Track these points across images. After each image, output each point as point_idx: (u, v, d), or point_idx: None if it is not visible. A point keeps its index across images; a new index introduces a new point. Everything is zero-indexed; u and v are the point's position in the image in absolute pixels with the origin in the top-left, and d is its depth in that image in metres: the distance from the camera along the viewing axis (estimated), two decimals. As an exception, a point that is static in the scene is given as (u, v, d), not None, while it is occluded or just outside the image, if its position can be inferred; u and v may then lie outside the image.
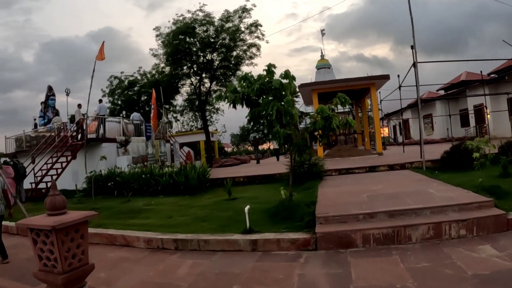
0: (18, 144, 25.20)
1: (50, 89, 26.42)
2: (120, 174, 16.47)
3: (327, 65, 38.08)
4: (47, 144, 20.46)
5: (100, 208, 12.44)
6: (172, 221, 9.59)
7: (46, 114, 25.72)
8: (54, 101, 26.21)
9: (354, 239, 6.86)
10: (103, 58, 17.61)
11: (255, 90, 8.38)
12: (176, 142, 24.57)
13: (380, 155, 22.44)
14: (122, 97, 39.87)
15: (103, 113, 22.25)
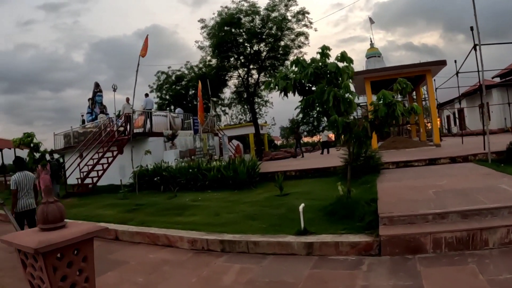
0: (67, 140, 25.53)
1: (97, 86, 26.55)
2: (166, 168, 16.01)
3: (377, 53, 36.54)
4: (93, 139, 20.36)
5: (144, 204, 12.00)
6: (219, 219, 8.90)
7: (94, 110, 25.90)
8: (101, 97, 26.37)
9: (423, 244, 5.93)
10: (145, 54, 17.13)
11: (309, 74, 7.53)
12: (224, 136, 24.00)
13: (438, 146, 21.09)
14: (170, 92, 39.71)
15: (150, 107, 21.96)
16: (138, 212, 11.14)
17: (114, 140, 19.18)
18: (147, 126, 20.68)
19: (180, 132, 21.56)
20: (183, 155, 18.74)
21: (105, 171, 18.21)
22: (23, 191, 8.56)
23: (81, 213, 12.45)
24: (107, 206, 13.05)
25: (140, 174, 16.34)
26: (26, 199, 8.57)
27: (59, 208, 3.54)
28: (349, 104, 7.52)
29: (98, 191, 17.62)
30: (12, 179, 8.77)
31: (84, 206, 13.96)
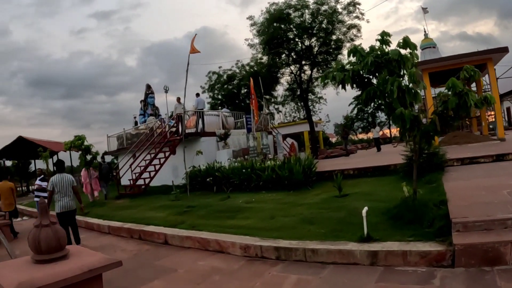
0: (120, 142, 25.87)
1: (148, 88, 26.68)
2: (219, 169, 15.60)
3: (432, 44, 34.75)
4: (145, 140, 20.30)
5: (196, 206, 11.61)
6: (274, 222, 8.31)
7: (146, 112, 26.04)
8: (153, 98, 26.45)
9: (503, 254, 5.09)
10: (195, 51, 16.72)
11: (369, 64, 6.77)
12: (278, 134, 23.37)
13: (503, 141, 19.62)
14: (222, 92, 39.59)
15: (202, 107, 21.63)
16: (189, 215, 10.74)
17: (166, 141, 19.03)
18: (199, 126, 20.36)
19: (233, 131, 21.17)
20: (236, 155, 18.27)
21: (157, 172, 18.07)
22: (61, 192, 8.85)
23: (131, 215, 12.27)
24: (158, 208, 12.76)
25: (193, 175, 16.04)
26: (65, 200, 8.86)
27: (57, 233, 2.89)
28: (415, 96, 6.73)
29: (150, 192, 17.48)
30: (49, 181, 9.19)
31: (135, 208, 13.77)
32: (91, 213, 14.44)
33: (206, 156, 18.01)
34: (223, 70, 40.38)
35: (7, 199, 12.65)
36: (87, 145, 17.47)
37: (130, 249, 8.96)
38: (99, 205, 16.28)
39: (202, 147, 18.63)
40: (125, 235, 10.54)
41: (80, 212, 10.25)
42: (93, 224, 12.42)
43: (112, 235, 11.08)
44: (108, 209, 14.80)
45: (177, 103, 21.04)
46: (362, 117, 68.06)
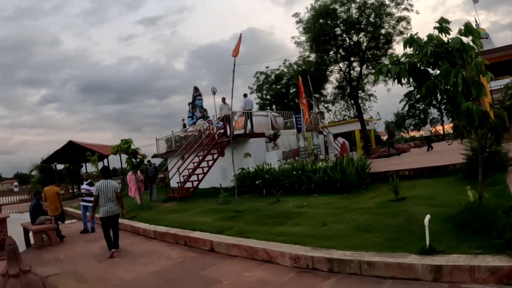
0: (169, 145, 25.93)
1: (196, 90, 26.50)
2: (268, 171, 15.09)
3: (484, 34, 32.75)
4: (193, 143, 20.08)
5: (244, 210, 11.18)
6: (326, 230, 7.72)
7: (194, 114, 25.85)
8: (201, 100, 26.25)
9: None
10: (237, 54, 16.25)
11: (428, 54, 6.08)
12: (329, 133, 22.57)
13: None
14: (270, 92, 39.10)
15: (250, 108, 21.20)
16: (237, 220, 10.32)
17: (214, 143, 18.71)
18: (247, 127, 19.93)
19: (283, 131, 20.61)
20: (287, 156, 17.71)
21: (206, 175, 17.82)
22: (105, 197, 9.47)
23: (178, 220, 12.00)
24: (205, 212, 12.41)
25: (242, 177, 15.69)
26: (109, 205, 9.47)
27: (28, 286, 2.32)
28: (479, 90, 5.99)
29: (198, 195, 17.23)
30: (95, 186, 9.96)
31: (182, 212, 13.51)
32: (138, 216, 14.32)
33: (255, 157, 17.70)
34: (271, 70, 39.91)
35: (52, 204, 12.84)
36: (134, 149, 17.40)
37: (175, 256, 8.63)
38: (146, 208, 16.15)
39: (251, 148, 18.31)
40: (170, 240, 10.24)
41: (122, 217, 10.55)
42: (139, 229, 12.23)
43: (157, 240, 10.82)
44: (155, 213, 14.62)
45: (222, 103, 20.70)
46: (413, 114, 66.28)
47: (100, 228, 10.60)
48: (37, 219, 12.74)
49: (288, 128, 22.88)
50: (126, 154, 17.63)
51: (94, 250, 10.57)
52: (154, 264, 8.07)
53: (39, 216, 12.78)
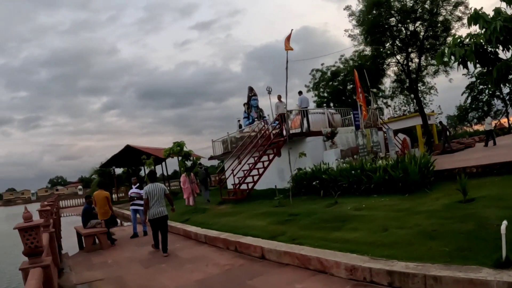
0: (225, 146, 25.70)
1: (251, 90, 26.11)
2: (326, 171, 14.38)
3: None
4: (248, 143, 19.67)
5: (300, 213, 10.55)
6: (387, 236, 6.97)
7: (250, 115, 25.43)
8: (257, 101, 25.71)
9: None
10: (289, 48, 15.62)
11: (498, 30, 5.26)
12: (389, 129, 21.51)
13: None
14: (327, 89, 38.15)
15: (305, 105, 20.48)
16: (291, 224, 9.71)
17: (269, 143, 18.15)
18: (304, 125, 19.25)
19: (340, 129, 19.76)
20: (345, 155, 16.92)
21: (261, 176, 17.34)
22: (153, 200, 9.86)
23: (230, 223, 11.57)
24: (259, 216, 11.86)
25: (298, 178, 15.10)
26: (157, 207, 9.87)
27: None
28: None
29: (254, 196, 16.75)
30: (144, 190, 10.24)
31: (235, 215, 13.04)
32: (191, 220, 14.05)
33: (312, 157, 17.05)
34: (327, 67, 38.92)
35: (102, 208, 12.79)
36: (186, 151, 17.14)
37: (223, 263, 8.16)
38: (200, 211, 15.86)
39: (307, 147, 17.69)
40: (221, 245, 9.81)
41: (172, 211, 10.88)
42: (190, 233, 11.92)
43: (208, 245, 10.45)
44: (208, 216, 14.26)
45: (278, 101, 20.10)
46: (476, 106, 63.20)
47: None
48: (88, 222, 12.83)
49: (346, 126, 22.02)
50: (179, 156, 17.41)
51: (142, 255, 10.39)
52: (200, 272, 7.65)
53: (90, 220, 12.91)
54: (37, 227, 5.17)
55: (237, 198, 16.96)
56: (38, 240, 5.17)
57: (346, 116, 23.17)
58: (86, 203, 13.61)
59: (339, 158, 16.48)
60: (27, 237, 5.09)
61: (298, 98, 20.71)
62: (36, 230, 5.15)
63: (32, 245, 5.13)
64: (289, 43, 15.13)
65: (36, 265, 5.06)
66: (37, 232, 5.16)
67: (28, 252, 5.17)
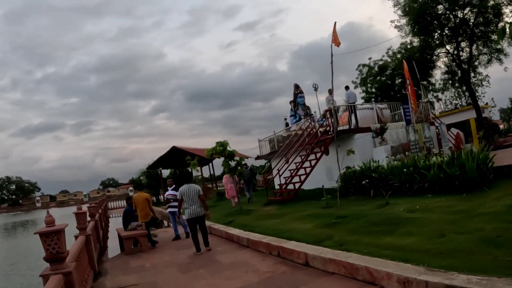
0: (272, 146, 25.21)
1: (297, 87, 25.45)
2: (376, 169, 13.63)
3: None
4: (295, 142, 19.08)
5: (348, 216, 9.91)
6: (444, 242, 6.23)
7: (297, 113, 24.73)
8: (303, 98, 25.05)
9: None
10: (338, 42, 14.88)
11: None
12: (442, 124, 20.39)
13: None
14: (375, 84, 36.95)
15: (353, 101, 19.68)
16: (338, 228, 9.07)
17: (316, 141, 17.49)
18: (352, 121, 18.46)
19: (390, 124, 18.88)
20: (396, 151, 16.04)
21: (308, 176, 16.76)
22: (189, 200, 10.26)
23: (274, 226, 11.00)
24: (305, 218, 11.28)
25: (347, 177, 14.48)
26: (193, 208, 10.27)
27: None
28: None
29: (301, 197, 16.20)
30: (178, 190, 10.72)
31: (281, 217, 12.50)
32: (235, 222, 13.60)
33: (361, 154, 16.43)
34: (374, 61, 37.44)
35: (142, 210, 12.54)
36: (230, 151, 16.64)
37: (264, 270, 7.60)
38: (245, 213, 15.36)
39: (356, 145, 17.05)
40: (263, 250, 9.23)
41: (207, 218, 11.01)
42: (233, 236, 11.42)
43: (250, 249, 9.91)
44: (252, 218, 13.73)
45: (329, 95, 19.26)
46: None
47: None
48: (129, 225, 12.69)
49: (396, 121, 21.03)
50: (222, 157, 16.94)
51: (181, 259, 10.04)
52: (239, 280, 7.13)
53: (130, 222, 12.76)
54: (58, 232, 4.96)
55: (283, 199, 16.39)
56: (60, 245, 5.00)
57: (395, 111, 22.15)
58: (127, 205, 13.41)
59: (390, 155, 15.64)
60: (48, 242, 4.89)
61: (345, 93, 19.94)
62: (58, 235, 4.98)
63: (54, 250, 4.93)
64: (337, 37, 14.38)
65: (57, 272, 4.88)
66: (59, 237, 4.98)
67: (49, 258, 4.96)
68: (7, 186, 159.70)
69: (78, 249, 7.00)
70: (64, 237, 5.11)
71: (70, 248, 6.78)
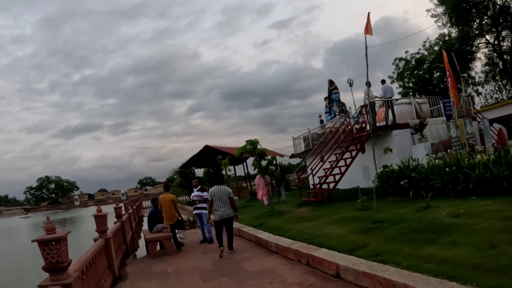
0: (306, 144, 24.77)
1: (331, 83, 24.78)
2: (415, 168, 12.75)
3: None
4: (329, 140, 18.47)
5: (385, 220, 9.11)
6: (496, 256, 5.37)
7: (332, 109, 24.07)
8: (338, 94, 24.41)
9: None
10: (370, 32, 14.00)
11: None
12: (485, 119, 19.15)
13: None
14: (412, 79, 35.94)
15: (390, 95, 18.66)
16: (374, 234, 8.33)
17: (351, 138, 16.68)
18: (389, 117, 17.49)
19: (429, 120, 17.83)
20: (436, 149, 15.06)
21: (343, 175, 16.02)
22: (219, 202, 10.11)
23: (306, 230, 10.40)
24: (339, 221, 10.58)
25: (384, 177, 13.73)
26: (223, 209, 10.13)
27: None
28: None
29: (335, 197, 15.50)
30: (209, 192, 10.52)
31: (313, 220, 11.83)
32: (265, 224, 12.99)
33: (399, 152, 15.60)
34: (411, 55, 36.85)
35: (168, 212, 12.07)
36: (261, 150, 15.91)
37: (291, 281, 6.96)
38: (277, 214, 14.71)
39: (393, 142, 16.23)
40: (292, 257, 8.57)
41: (236, 220, 10.86)
42: (262, 240, 10.80)
43: (279, 255, 9.27)
44: (284, 221, 13.06)
45: (367, 88, 18.25)
46: None
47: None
48: (154, 227, 12.33)
49: (435, 116, 19.93)
50: (252, 156, 16.27)
51: (206, 264, 9.52)
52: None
53: (156, 224, 12.39)
54: (58, 240, 4.60)
55: (317, 199, 15.63)
56: (59, 254, 4.67)
57: (434, 106, 21.00)
58: (153, 207, 12.96)
59: (430, 153, 14.74)
60: (47, 251, 4.57)
61: (381, 87, 18.93)
62: (57, 244, 4.64)
63: (53, 260, 4.60)
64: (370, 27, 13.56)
65: (56, 283, 4.58)
66: (58, 245, 4.63)
67: (48, 267, 4.65)
68: (47, 185, 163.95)
69: (90, 256, 6.61)
70: (65, 245, 4.81)
71: (84, 253, 6.42)
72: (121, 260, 10.51)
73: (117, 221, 12.19)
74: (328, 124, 23.03)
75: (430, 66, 34.92)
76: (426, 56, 35.64)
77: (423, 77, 35.33)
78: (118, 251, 10.39)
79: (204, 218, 12.92)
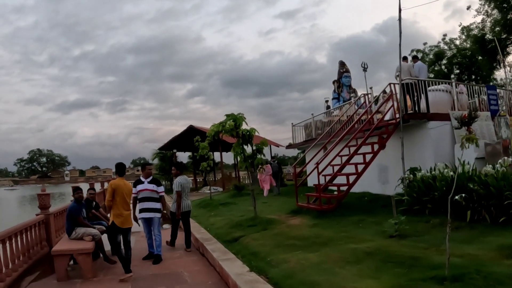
0: (307, 133, 20.69)
1: (342, 65, 20.92)
2: (473, 177, 8.46)
3: None
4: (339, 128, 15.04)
5: (464, 272, 4.68)
6: None
7: (341, 95, 20.12)
8: (349, 78, 20.53)
9: None
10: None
11: None
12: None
13: None
14: (429, 74, 32.72)
15: (424, 76, 14.02)
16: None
17: (373, 128, 12.34)
18: (421, 104, 12.80)
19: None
20: (492, 151, 10.69)
21: (360, 176, 11.57)
22: (185, 193, 9.43)
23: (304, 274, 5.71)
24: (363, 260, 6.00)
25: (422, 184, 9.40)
26: (187, 200, 9.56)
27: None
28: None
29: (345, 206, 11.05)
30: (176, 182, 9.37)
31: (317, 247, 7.22)
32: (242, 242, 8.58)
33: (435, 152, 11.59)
34: (429, 48, 34.81)
35: (127, 208, 7.54)
36: (247, 130, 11.08)
37: None
38: (262, 224, 9.99)
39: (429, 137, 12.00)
40: None
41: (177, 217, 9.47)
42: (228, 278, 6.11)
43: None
44: (270, 239, 8.36)
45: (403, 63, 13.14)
46: None
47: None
48: (73, 230, 8.14)
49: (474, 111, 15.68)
50: (233, 137, 11.41)
51: None
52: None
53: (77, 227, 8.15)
54: None
55: (321, 208, 10.96)
56: None
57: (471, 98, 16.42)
58: (74, 200, 8.39)
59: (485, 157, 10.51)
60: None
61: (414, 65, 14.26)
62: None
63: None
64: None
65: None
66: None
67: None
68: (38, 158, 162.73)
69: None
70: None
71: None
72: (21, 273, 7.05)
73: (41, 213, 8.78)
74: (335, 111, 18.76)
75: (451, 61, 32.82)
76: (446, 51, 33.67)
77: (442, 72, 32.83)
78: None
79: (156, 224, 8.56)
